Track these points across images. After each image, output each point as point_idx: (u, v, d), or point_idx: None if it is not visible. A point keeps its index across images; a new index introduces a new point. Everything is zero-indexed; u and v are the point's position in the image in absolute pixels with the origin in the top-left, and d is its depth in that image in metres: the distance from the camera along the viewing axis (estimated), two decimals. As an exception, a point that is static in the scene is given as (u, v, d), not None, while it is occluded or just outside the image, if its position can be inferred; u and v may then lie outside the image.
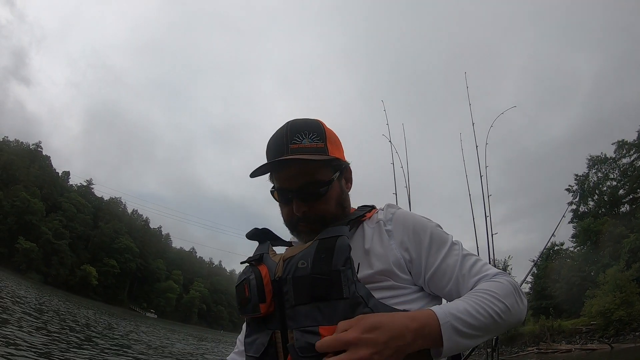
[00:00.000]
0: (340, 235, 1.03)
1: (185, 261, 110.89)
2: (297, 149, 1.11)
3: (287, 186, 1.14)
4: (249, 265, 1.16)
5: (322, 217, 1.14)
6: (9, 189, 65.73)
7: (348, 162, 1.24)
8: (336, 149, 1.19)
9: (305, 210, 1.13)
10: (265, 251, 1.19)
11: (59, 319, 16.26)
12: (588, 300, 26.45)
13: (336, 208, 1.16)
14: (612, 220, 35.22)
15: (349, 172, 1.25)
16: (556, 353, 22.93)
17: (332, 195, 1.15)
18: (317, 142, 1.13)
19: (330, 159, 1.14)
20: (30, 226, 65.09)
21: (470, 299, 0.95)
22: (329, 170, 1.15)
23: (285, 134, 1.14)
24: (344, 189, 1.22)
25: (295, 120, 1.18)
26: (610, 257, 31.35)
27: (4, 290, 21.64)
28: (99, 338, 13.65)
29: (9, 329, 9.05)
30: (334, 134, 1.22)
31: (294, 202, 1.13)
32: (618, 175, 42.76)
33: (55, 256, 68.14)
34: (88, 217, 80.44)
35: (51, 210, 72.80)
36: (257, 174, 1.13)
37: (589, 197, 44.43)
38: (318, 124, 1.18)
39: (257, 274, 1.08)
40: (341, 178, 1.21)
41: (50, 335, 10.25)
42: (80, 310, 28.64)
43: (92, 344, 11.31)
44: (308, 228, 1.15)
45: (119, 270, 79.46)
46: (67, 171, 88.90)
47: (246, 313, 1.09)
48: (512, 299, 0.98)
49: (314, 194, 1.13)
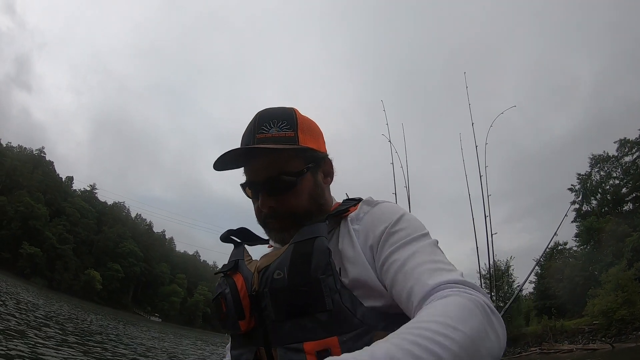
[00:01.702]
0: (317, 237, 0.92)
1: (189, 265, 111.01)
2: (264, 139, 1.02)
3: (254, 179, 1.05)
4: (223, 276, 1.07)
5: (292, 213, 1.03)
6: (12, 194, 66.02)
7: (326, 153, 1.13)
8: (311, 138, 1.07)
9: (272, 205, 1.03)
10: (241, 257, 1.10)
11: (73, 326, 16.36)
12: (590, 300, 26.30)
13: (309, 203, 1.04)
14: (615, 219, 35.12)
15: (327, 164, 1.13)
16: (558, 353, 22.89)
17: (304, 188, 1.04)
18: (286, 130, 1.03)
19: (301, 148, 1.03)
20: (34, 231, 65.34)
21: (401, 339, 0.62)
22: (299, 161, 1.04)
23: (253, 123, 1.06)
24: (320, 183, 1.09)
25: (265, 109, 1.09)
26: (613, 256, 31.26)
27: (14, 297, 21.75)
28: (116, 345, 13.73)
29: (27, 339, 9.02)
30: (311, 123, 1.11)
31: (260, 196, 1.04)
32: (620, 173, 42.71)
33: (59, 261, 68.38)
34: (92, 222, 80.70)
35: (55, 215, 73.07)
36: (222, 167, 1.03)
37: (592, 196, 44.35)
38: (289, 112, 1.07)
39: (232, 288, 1.00)
40: (317, 171, 1.08)
41: (70, 345, 10.28)
42: (88, 315, 28.78)
43: (113, 352, 11.38)
44: (277, 225, 1.04)
45: (123, 275, 79.60)
46: (71, 176, 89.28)
47: (227, 329, 1.02)
48: (475, 322, 0.67)
49: (281, 186, 1.02)
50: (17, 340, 8.28)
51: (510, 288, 26.35)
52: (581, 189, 43.71)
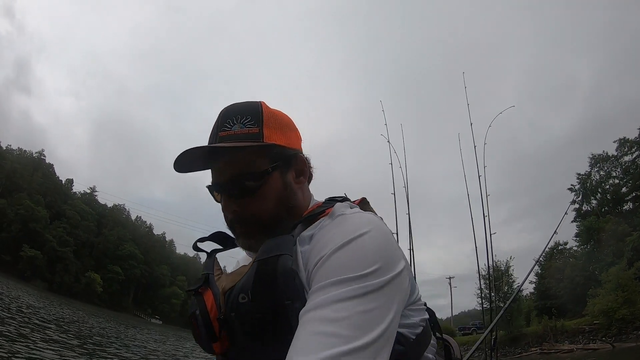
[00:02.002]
0: (280, 255, 0.82)
1: (189, 267, 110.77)
2: (226, 137, 0.93)
3: (216, 180, 0.97)
4: (194, 294, 0.98)
5: (257, 219, 0.94)
6: (13, 197, 66.02)
7: (298, 150, 1.03)
8: (279, 134, 0.97)
9: (235, 210, 0.95)
10: (210, 270, 1.01)
11: (77, 329, 16.37)
12: (591, 300, 26.33)
13: (276, 207, 0.95)
14: (615, 219, 35.15)
15: (300, 162, 1.02)
16: (558, 353, 22.90)
17: (269, 190, 0.94)
18: (250, 127, 0.94)
19: (266, 145, 0.94)
20: (35, 234, 65.33)
21: None
22: (264, 160, 0.95)
23: (217, 121, 0.98)
24: (290, 184, 0.98)
25: (231, 105, 1.00)
26: (613, 255, 31.28)
27: (15, 300, 21.74)
28: (118, 348, 13.72)
29: (30, 342, 9.02)
30: (281, 117, 1.01)
31: (222, 200, 0.97)
32: (620, 173, 42.80)
33: (60, 263, 68.37)
34: (92, 224, 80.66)
35: (55, 217, 73.07)
36: (185, 169, 0.96)
37: (592, 195, 44.40)
38: (255, 106, 0.98)
39: (202, 308, 0.93)
40: (287, 170, 0.98)
41: (73, 348, 10.27)
42: (90, 318, 28.80)
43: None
44: (243, 230, 0.96)
45: (123, 277, 79.56)
46: (71, 179, 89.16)
47: (203, 348, 0.96)
48: None
49: (242, 189, 0.93)
50: (21, 344, 8.29)
51: (510, 288, 26.36)
52: (581, 189, 43.74)
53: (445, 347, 1.18)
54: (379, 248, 0.80)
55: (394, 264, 0.80)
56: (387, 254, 0.80)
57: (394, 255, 0.82)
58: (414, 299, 0.94)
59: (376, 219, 0.90)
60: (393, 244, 0.85)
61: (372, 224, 0.85)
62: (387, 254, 0.80)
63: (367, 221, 0.86)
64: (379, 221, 0.90)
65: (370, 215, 0.92)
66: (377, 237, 0.82)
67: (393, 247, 0.84)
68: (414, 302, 0.93)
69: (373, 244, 0.80)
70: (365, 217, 0.88)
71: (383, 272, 0.76)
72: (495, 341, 4.36)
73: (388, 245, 0.83)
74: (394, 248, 0.84)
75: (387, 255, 0.80)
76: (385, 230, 0.87)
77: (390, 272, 0.78)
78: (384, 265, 0.77)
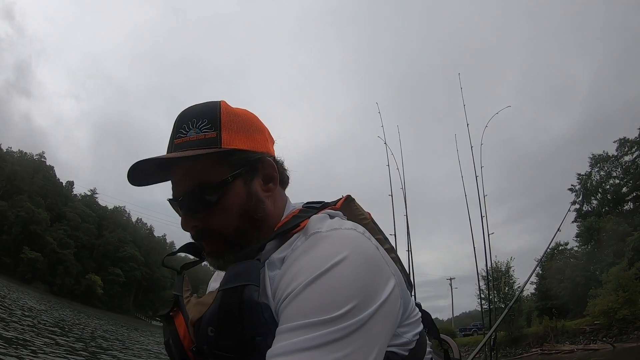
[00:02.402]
0: (245, 285, 0.73)
1: (190, 269, 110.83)
2: (181, 144, 0.84)
3: (173, 194, 0.88)
4: (165, 320, 0.92)
5: (220, 235, 0.85)
6: (13, 199, 66.00)
7: (266, 153, 0.91)
8: (241, 137, 0.87)
9: (195, 225, 0.85)
10: (179, 292, 0.95)
11: (79, 332, 16.37)
12: (591, 300, 26.29)
13: (240, 220, 0.85)
14: (616, 219, 35.14)
15: (268, 167, 0.90)
16: (559, 354, 22.90)
17: (231, 202, 0.84)
18: (206, 131, 0.84)
19: (225, 152, 0.84)
20: (35, 236, 65.31)
21: None
22: (224, 169, 0.84)
23: (173, 126, 0.88)
24: (255, 192, 0.87)
25: (188, 108, 0.90)
26: (614, 255, 31.26)
27: (16, 303, 21.75)
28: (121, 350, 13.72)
29: (33, 346, 8.99)
30: (244, 117, 0.90)
31: (181, 216, 0.87)
32: (620, 173, 42.73)
33: (61, 265, 68.32)
34: (92, 227, 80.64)
35: (56, 220, 73.07)
36: (142, 181, 0.88)
37: (592, 196, 44.37)
38: (212, 108, 0.87)
39: (174, 338, 0.87)
40: (251, 177, 0.87)
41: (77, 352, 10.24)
42: (92, 321, 28.81)
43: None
44: (210, 248, 0.88)
45: (124, 279, 79.49)
46: (71, 181, 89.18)
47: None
48: None
49: (200, 202, 0.83)
50: (24, 348, 8.26)
51: (510, 289, 26.30)
52: (581, 189, 43.72)
53: (444, 348, 1.17)
54: (355, 280, 0.70)
55: (376, 294, 0.72)
56: (365, 285, 0.71)
57: (375, 283, 0.73)
58: (408, 312, 0.87)
59: (355, 237, 0.79)
60: (374, 268, 0.75)
61: (350, 246, 0.75)
62: (366, 285, 0.71)
63: (343, 243, 0.75)
64: (358, 239, 0.79)
65: (348, 233, 0.79)
66: (354, 264, 0.72)
67: (374, 273, 0.74)
68: (408, 316, 0.87)
69: (349, 277, 0.70)
70: (342, 237, 0.77)
71: (361, 309, 0.68)
72: (494, 341, 4.37)
73: (367, 274, 0.73)
74: (374, 274, 0.74)
75: (365, 286, 0.71)
76: (364, 251, 0.76)
77: (370, 306, 0.69)
78: (361, 300, 0.69)
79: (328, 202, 0.98)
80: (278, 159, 0.95)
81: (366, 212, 1.05)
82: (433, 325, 1.09)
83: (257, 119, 0.94)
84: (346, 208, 1.00)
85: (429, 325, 1.05)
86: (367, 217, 1.04)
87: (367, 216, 1.05)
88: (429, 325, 1.05)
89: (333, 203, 0.98)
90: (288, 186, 1.01)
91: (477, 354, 3.41)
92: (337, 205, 0.98)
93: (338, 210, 0.95)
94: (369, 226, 0.98)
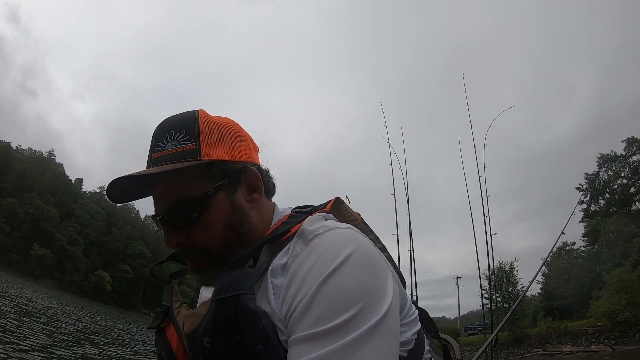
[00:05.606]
0: (240, 294, 0.72)
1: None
2: (159, 158, 0.82)
3: (155, 210, 0.85)
4: (156, 332, 0.90)
5: (204, 251, 0.82)
6: (23, 196, 66.75)
7: (249, 162, 0.88)
8: (222, 147, 0.84)
9: (179, 242, 0.83)
10: (169, 302, 0.90)
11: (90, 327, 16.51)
12: (594, 301, 26.15)
13: (224, 235, 0.82)
14: (623, 219, 34.93)
15: (252, 176, 0.88)
16: (559, 355, 22.88)
17: (214, 216, 0.81)
18: (185, 143, 0.81)
19: (205, 163, 0.81)
20: (45, 233, 66.02)
21: None
22: (204, 182, 0.82)
23: (151, 140, 0.86)
24: (239, 204, 0.85)
25: (166, 119, 0.87)
26: (620, 256, 31.08)
27: (26, 299, 22.05)
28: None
29: (45, 342, 9.10)
30: (224, 125, 0.87)
31: (164, 232, 0.85)
32: (629, 173, 42.31)
33: (70, 262, 68.99)
34: (101, 224, 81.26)
35: (65, 217, 73.77)
36: (124, 198, 0.87)
37: (600, 195, 44.09)
38: (189, 118, 0.84)
39: (167, 351, 0.85)
40: (234, 188, 0.85)
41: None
42: (104, 318, 29.08)
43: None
44: (194, 265, 0.85)
45: (132, 276, 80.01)
46: (80, 178, 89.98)
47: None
48: None
49: (182, 218, 0.81)
50: (36, 344, 8.41)
51: (514, 289, 26.17)
52: (589, 189, 43.47)
53: (444, 347, 1.12)
54: (363, 279, 0.70)
55: (384, 289, 0.72)
56: (374, 281, 0.71)
57: (381, 278, 0.73)
58: (406, 310, 0.87)
59: (353, 234, 0.78)
60: (377, 263, 0.75)
61: (351, 244, 0.74)
62: (374, 280, 0.71)
63: (343, 242, 0.74)
64: (356, 236, 0.78)
65: (346, 232, 0.79)
66: (359, 262, 0.72)
67: (378, 269, 0.74)
68: (405, 315, 0.86)
69: (356, 275, 0.70)
70: (342, 236, 0.76)
71: (375, 305, 0.68)
72: (496, 341, 4.50)
73: (372, 270, 0.73)
74: (379, 270, 0.74)
75: (374, 282, 0.71)
76: (365, 247, 0.76)
77: (382, 301, 0.69)
78: (373, 297, 0.69)
79: (317, 205, 0.97)
80: (263, 167, 0.93)
81: (356, 213, 1.04)
82: (431, 323, 1.07)
83: (239, 126, 0.91)
84: (336, 210, 0.98)
85: (426, 323, 1.03)
86: (357, 218, 1.03)
87: (357, 217, 1.04)
88: (426, 323, 1.03)
89: (322, 206, 0.97)
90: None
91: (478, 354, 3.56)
92: (326, 207, 0.96)
93: (328, 212, 0.94)
94: (359, 227, 0.96)
